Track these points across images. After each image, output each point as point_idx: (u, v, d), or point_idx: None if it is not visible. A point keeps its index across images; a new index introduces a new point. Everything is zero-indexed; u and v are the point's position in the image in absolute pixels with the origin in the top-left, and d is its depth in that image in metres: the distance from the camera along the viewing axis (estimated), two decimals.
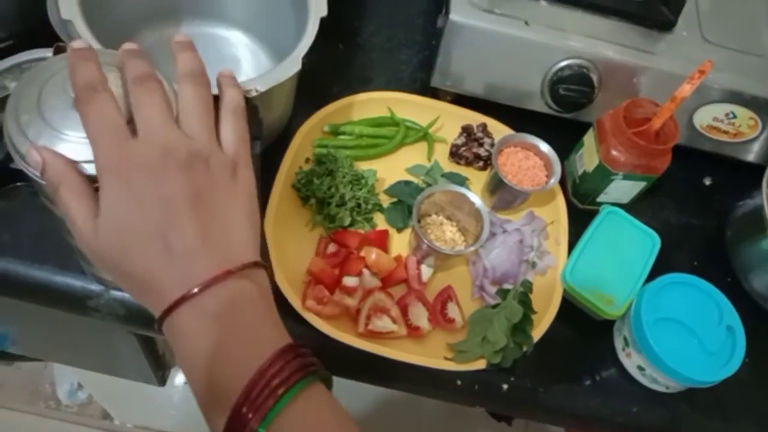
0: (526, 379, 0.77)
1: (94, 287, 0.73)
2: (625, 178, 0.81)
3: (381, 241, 0.80)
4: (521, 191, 0.80)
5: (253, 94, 0.63)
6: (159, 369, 1.14)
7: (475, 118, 0.91)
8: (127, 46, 0.44)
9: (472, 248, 0.76)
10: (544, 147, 0.84)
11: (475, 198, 0.77)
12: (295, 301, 0.73)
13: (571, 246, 0.83)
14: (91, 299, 0.73)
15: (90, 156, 0.41)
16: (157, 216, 0.39)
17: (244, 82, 0.62)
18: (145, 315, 0.43)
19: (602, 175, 0.82)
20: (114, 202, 0.39)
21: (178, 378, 1.46)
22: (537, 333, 0.76)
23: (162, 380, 1.21)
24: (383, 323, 0.73)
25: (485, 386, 0.76)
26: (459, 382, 0.76)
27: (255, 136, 0.62)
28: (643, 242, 0.84)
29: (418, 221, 0.81)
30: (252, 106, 0.58)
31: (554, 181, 0.81)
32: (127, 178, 0.39)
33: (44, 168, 0.40)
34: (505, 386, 0.77)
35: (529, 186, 0.82)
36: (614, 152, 0.80)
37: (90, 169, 0.41)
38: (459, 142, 0.89)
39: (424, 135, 0.90)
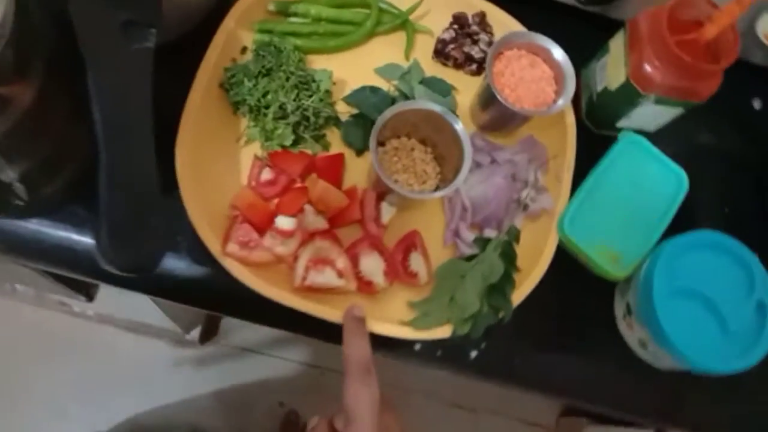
0: (500, 344, 0.66)
1: None
2: (658, 102, 0.65)
3: (333, 168, 0.65)
4: (518, 112, 0.64)
5: None
6: (81, 289, 1.06)
7: (472, 3, 0.72)
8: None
9: (441, 193, 0.61)
10: (558, 53, 0.66)
11: (456, 121, 0.61)
12: (213, 244, 0.60)
13: (576, 184, 0.68)
14: None
15: None
16: None
17: None
18: None
19: (628, 96, 0.65)
20: None
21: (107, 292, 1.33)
22: (519, 294, 0.64)
23: (89, 296, 1.12)
24: (325, 278, 0.60)
25: (450, 352, 0.66)
26: (417, 347, 0.65)
27: (148, 22, 0.47)
28: (666, 182, 0.70)
29: (382, 144, 0.66)
30: None
31: (563, 102, 0.65)
32: None
33: None
34: (474, 353, 0.66)
35: (530, 105, 0.66)
36: (648, 67, 0.63)
37: None
38: (447, 36, 0.71)
39: (403, 23, 0.72)
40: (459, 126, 0.61)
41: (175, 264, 0.62)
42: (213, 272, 0.62)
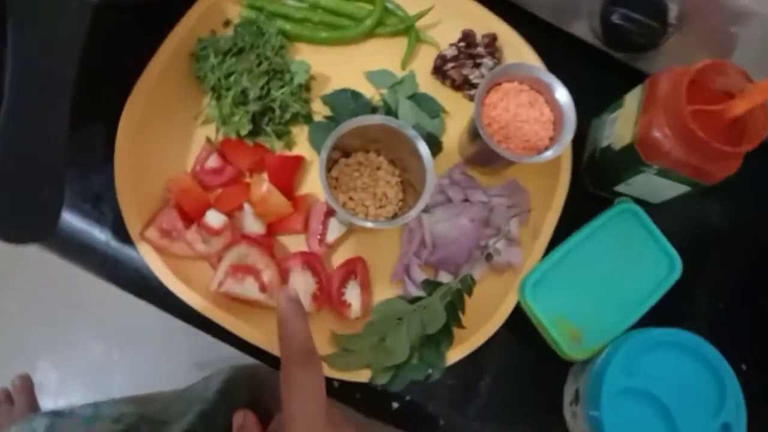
0: (426, 402, 0.60)
1: None
2: (661, 174, 0.57)
3: (287, 170, 0.59)
4: (502, 156, 0.57)
5: None
6: None
7: (487, 22, 0.66)
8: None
9: (386, 224, 0.55)
10: (561, 95, 0.58)
11: (422, 146, 0.55)
12: (134, 224, 0.55)
13: (555, 244, 0.61)
14: None
15: None
16: None
17: None
18: None
19: (630, 161, 0.58)
20: None
21: None
22: (459, 352, 0.57)
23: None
24: (243, 288, 0.54)
25: (370, 399, 0.59)
26: (336, 384, 0.59)
27: None
28: (657, 262, 0.62)
29: (347, 155, 0.60)
30: None
31: (552, 153, 0.57)
32: None
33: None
34: (396, 405, 0.59)
35: (517, 148, 0.59)
36: (657, 134, 0.55)
37: None
38: (449, 53, 0.64)
39: (407, 29, 0.65)
40: (425, 152, 0.54)
41: (96, 236, 0.58)
42: (131, 253, 0.57)
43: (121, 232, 0.57)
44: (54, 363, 1.47)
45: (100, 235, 0.58)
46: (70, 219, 0.58)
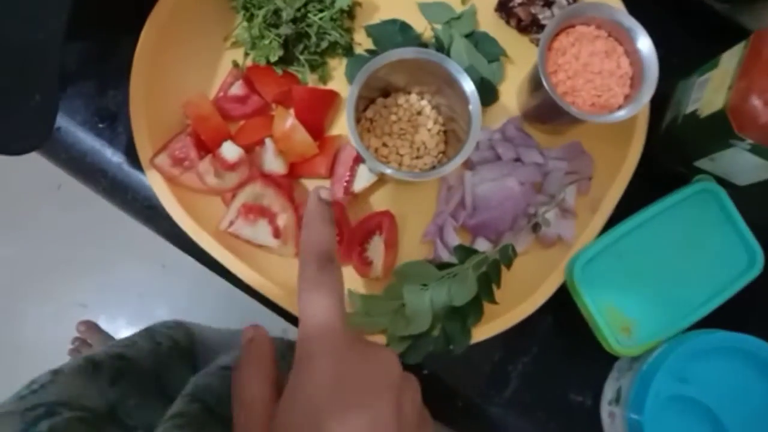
0: (446, 377, 0.54)
1: None
2: (755, 151, 0.48)
3: (318, 106, 0.53)
4: (568, 112, 0.48)
5: None
6: None
7: None
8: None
9: (419, 177, 0.48)
10: (644, 45, 0.49)
11: (467, 83, 0.47)
12: (145, 148, 0.50)
13: (615, 221, 0.53)
14: None
15: None
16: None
17: None
18: None
19: (718, 131, 0.49)
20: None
21: None
22: (486, 331, 0.51)
23: None
24: (254, 232, 0.49)
25: None
26: None
27: None
28: (734, 255, 0.53)
29: (385, 96, 0.53)
30: None
31: (626, 113, 0.49)
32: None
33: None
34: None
35: (584, 103, 0.50)
36: (756, 100, 0.46)
37: None
38: None
39: None
40: (469, 89, 0.47)
41: (108, 158, 0.54)
42: (143, 179, 0.53)
43: (134, 155, 0.53)
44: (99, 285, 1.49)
45: (112, 157, 0.54)
46: (83, 137, 0.54)
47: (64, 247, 1.49)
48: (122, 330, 1.46)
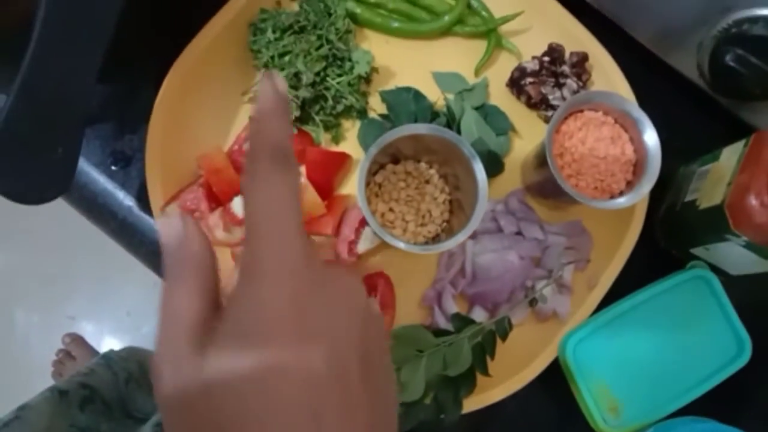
0: None
1: None
2: (749, 248, 0.49)
3: (329, 166, 0.54)
4: (569, 195, 0.50)
5: None
6: None
7: (578, 38, 0.59)
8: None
9: (420, 249, 0.49)
10: (650, 137, 0.51)
11: (479, 168, 0.49)
12: (157, 195, 0.51)
13: (610, 300, 0.54)
14: None
15: None
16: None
17: None
18: None
19: (715, 224, 0.50)
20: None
21: None
22: (477, 402, 0.52)
23: None
24: None
25: None
26: None
27: None
28: (723, 342, 0.55)
29: (395, 162, 0.54)
30: None
31: (627, 200, 0.50)
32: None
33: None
34: None
35: (588, 188, 0.52)
36: (753, 200, 0.47)
37: None
38: (530, 66, 0.58)
39: (488, 32, 0.59)
40: (480, 173, 0.49)
41: (119, 201, 0.55)
42: (152, 224, 0.54)
43: (145, 200, 0.54)
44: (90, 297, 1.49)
45: (123, 200, 0.55)
46: (96, 177, 0.56)
47: (58, 259, 1.49)
48: (107, 345, 1.46)
